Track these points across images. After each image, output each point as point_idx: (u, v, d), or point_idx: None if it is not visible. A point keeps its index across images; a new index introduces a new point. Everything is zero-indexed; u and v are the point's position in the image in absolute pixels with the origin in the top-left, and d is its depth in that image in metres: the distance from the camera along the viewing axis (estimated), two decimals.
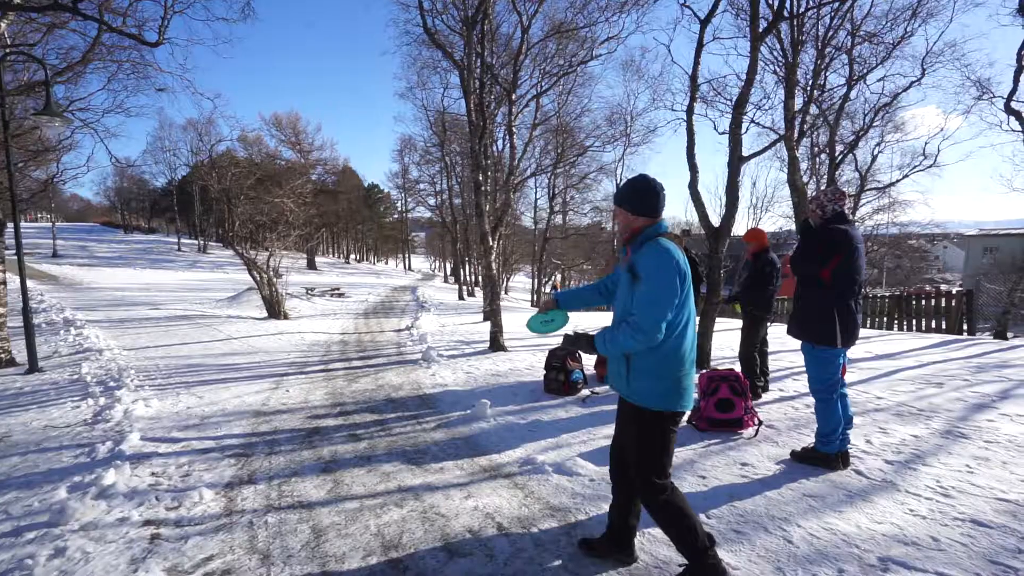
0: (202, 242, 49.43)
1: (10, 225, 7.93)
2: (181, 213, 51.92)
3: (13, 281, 8.34)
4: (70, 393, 5.99)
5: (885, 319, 11.21)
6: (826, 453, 3.40)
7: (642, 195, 2.18)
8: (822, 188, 16.02)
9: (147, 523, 2.97)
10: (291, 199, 16.45)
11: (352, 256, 62.43)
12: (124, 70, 10.93)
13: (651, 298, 2.05)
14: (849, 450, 3.48)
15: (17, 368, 7.54)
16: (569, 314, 2.62)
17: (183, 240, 50.43)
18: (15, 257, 7.74)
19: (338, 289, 22.49)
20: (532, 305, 26.90)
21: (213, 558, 2.61)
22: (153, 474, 3.65)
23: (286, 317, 13.67)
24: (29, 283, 7.92)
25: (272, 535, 2.82)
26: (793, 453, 3.62)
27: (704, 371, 4.87)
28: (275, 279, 13.99)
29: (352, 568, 2.50)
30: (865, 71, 13.34)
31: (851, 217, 3.48)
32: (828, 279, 3.28)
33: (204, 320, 12.86)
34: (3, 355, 7.80)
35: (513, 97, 9.84)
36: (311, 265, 41.31)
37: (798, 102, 9.20)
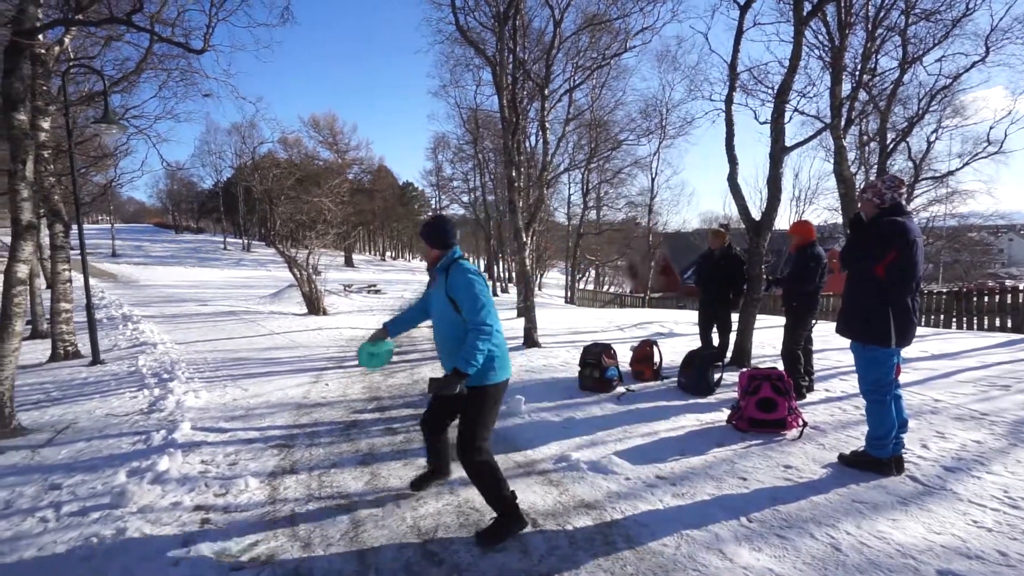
0: (246, 241, 51.44)
1: (75, 227, 8.46)
2: (227, 213, 54.17)
3: (77, 279, 8.90)
4: (128, 384, 6.35)
5: (942, 317, 10.58)
6: (878, 457, 3.23)
7: (437, 232, 2.69)
8: (872, 178, 15.22)
9: (198, 508, 3.12)
10: (329, 198, 16.91)
11: (388, 253, 63.65)
12: (173, 78, 11.53)
13: (478, 302, 2.55)
14: (903, 455, 3.29)
15: (82, 360, 8.05)
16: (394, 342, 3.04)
17: (229, 239, 52.61)
18: (79, 257, 8.26)
19: (374, 286, 22.99)
20: (566, 301, 26.76)
21: (258, 543, 2.71)
22: (203, 462, 3.83)
23: (325, 313, 14.07)
24: (91, 281, 8.44)
25: (313, 524, 2.90)
26: (841, 456, 3.46)
27: (744, 369, 4.72)
28: (314, 276, 14.42)
29: (389, 558, 2.54)
30: (921, 52, 12.51)
31: (908, 208, 3.26)
32: (882, 275, 3.09)
33: (248, 316, 13.39)
34: (70, 347, 8.34)
35: (546, 92, 9.78)
36: (348, 262, 42.39)
37: (846, 88, 8.78)
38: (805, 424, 4.02)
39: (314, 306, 14.07)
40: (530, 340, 8.28)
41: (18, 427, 4.71)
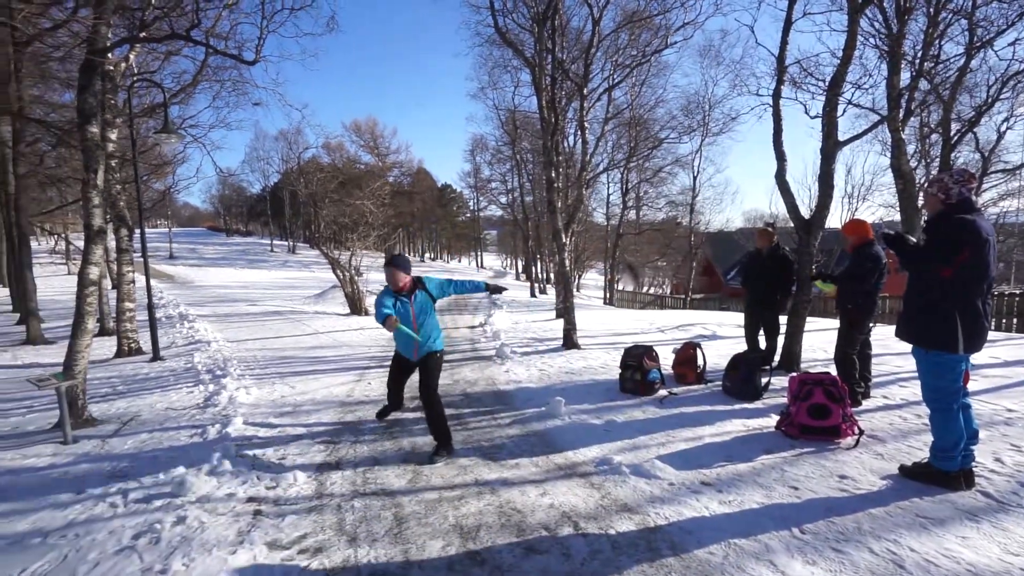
0: (291, 243, 53.41)
1: (137, 231, 9.00)
2: (273, 217, 56.48)
3: (139, 280, 9.48)
4: (185, 380, 6.70)
5: (1015, 320, 9.84)
6: (944, 470, 3.02)
7: (407, 265, 4.07)
8: (934, 172, 14.30)
9: (250, 500, 3.25)
10: (370, 201, 17.33)
11: (427, 254, 64.69)
12: (226, 88, 12.14)
13: (444, 279, 4.24)
14: (973, 468, 3.07)
15: (144, 356, 8.55)
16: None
17: (275, 242, 54.78)
18: (141, 259, 8.78)
19: None
20: (605, 303, 26.48)
21: (307, 536, 2.80)
22: (254, 456, 3.99)
23: (367, 313, 14.41)
24: (152, 282, 8.96)
25: (358, 519, 2.97)
26: (903, 468, 3.26)
27: (794, 374, 4.53)
28: (356, 277, 14.80)
29: (432, 557, 2.57)
30: (991, 35, 11.59)
31: (977, 204, 3.02)
32: (950, 277, 2.88)
33: (294, 316, 13.89)
34: (133, 344, 8.88)
35: (584, 92, 9.70)
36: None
37: (905, 77, 8.30)
38: (861, 432, 3.82)
39: (356, 306, 14.44)
40: (569, 342, 8.22)
41: (89, 418, 5.05)
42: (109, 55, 5.92)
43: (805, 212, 6.26)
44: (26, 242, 10.96)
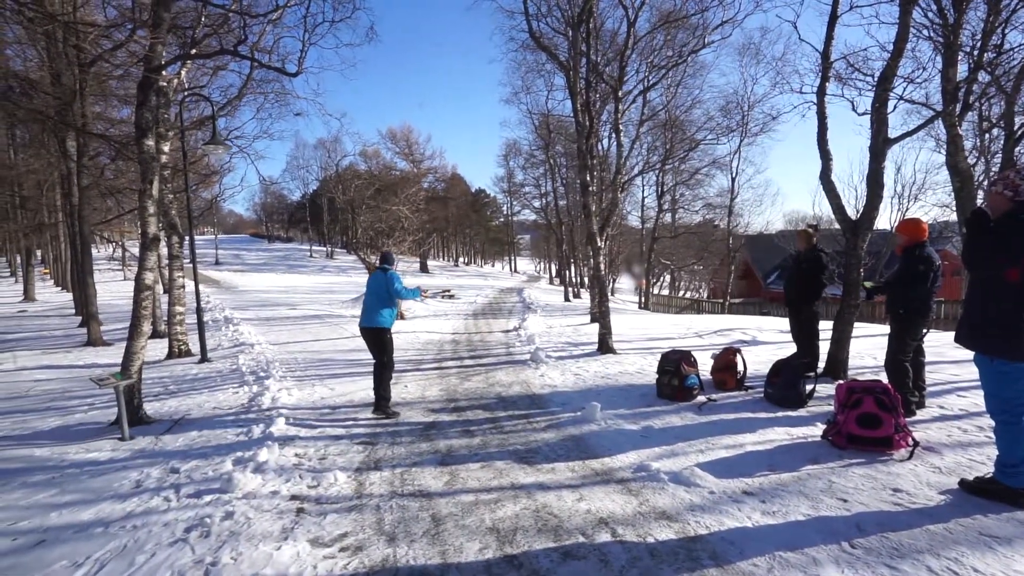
0: (329, 249, 54.93)
1: (187, 238, 9.46)
2: (312, 223, 58.27)
3: (188, 285, 9.96)
4: (231, 381, 6.97)
5: None
6: (1011, 486, 2.83)
7: (392, 259, 5.57)
8: (994, 170, 13.47)
9: (293, 498, 3.35)
10: (406, 207, 17.67)
11: (461, 259, 65.33)
12: (269, 100, 12.64)
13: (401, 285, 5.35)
14: None
15: (193, 358, 8.95)
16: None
17: (314, 247, 56.48)
18: (190, 264, 9.22)
19: (449, 291, 23.63)
20: (640, 307, 26.12)
21: (348, 535, 2.87)
22: (296, 455, 4.11)
23: (402, 317, 14.66)
24: (199, 286, 9.38)
25: (397, 519, 3.02)
26: (963, 482, 3.07)
27: (842, 381, 4.34)
28: None
29: (469, 560, 2.59)
30: None
31: None
32: (1017, 280, 2.71)
33: (332, 319, 14.26)
34: (183, 347, 9.32)
35: (619, 94, 9.61)
36: (423, 268, 43.97)
37: (962, 70, 7.85)
38: (916, 444, 3.62)
39: None
40: (605, 346, 8.14)
41: (144, 416, 5.32)
42: (163, 72, 6.27)
43: (852, 213, 6.02)
44: (88, 250, 11.64)
